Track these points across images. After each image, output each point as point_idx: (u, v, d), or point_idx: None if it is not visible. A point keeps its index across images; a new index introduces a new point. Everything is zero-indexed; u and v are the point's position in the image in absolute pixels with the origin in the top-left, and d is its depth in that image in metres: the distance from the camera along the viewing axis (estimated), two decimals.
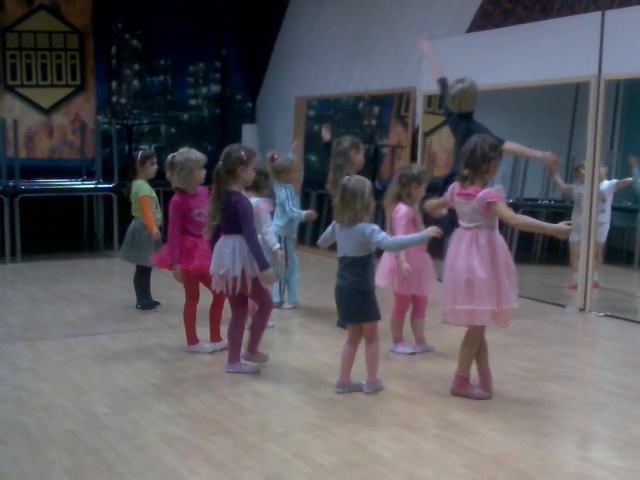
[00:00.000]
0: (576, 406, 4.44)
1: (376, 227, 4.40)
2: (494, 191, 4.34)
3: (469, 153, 4.37)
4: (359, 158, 6.09)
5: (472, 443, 3.83)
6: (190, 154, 5.37)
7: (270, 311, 5.09)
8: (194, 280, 5.40)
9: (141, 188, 6.69)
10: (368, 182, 4.49)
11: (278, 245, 5.96)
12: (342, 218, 4.44)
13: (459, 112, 6.19)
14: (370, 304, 4.49)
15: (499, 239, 4.40)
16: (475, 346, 4.51)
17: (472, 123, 6.19)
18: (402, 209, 5.28)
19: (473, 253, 4.34)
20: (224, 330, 5.42)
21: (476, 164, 4.35)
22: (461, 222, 4.47)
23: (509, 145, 6.11)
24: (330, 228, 4.60)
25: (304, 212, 6.64)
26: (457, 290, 4.38)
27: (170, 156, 5.39)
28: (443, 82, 6.53)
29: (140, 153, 6.81)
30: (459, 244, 4.43)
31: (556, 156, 6.33)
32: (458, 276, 4.37)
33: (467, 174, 4.37)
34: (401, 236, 4.67)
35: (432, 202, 4.82)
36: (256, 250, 4.73)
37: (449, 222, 4.92)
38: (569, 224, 4.25)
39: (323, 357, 5.36)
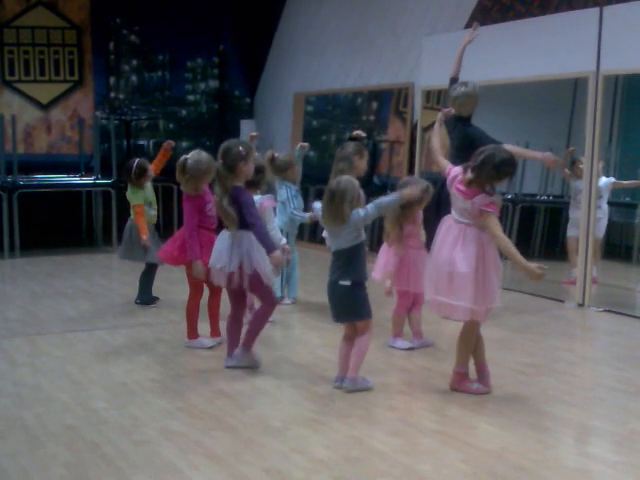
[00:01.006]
0: (575, 401, 4.44)
1: (356, 210, 4.36)
2: (491, 201, 4.29)
3: (479, 163, 4.28)
4: (362, 164, 6.02)
5: (471, 438, 3.83)
6: (200, 163, 5.24)
7: (273, 310, 5.06)
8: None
9: (134, 197, 6.67)
10: (357, 184, 4.45)
11: (285, 240, 5.97)
12: (330, 222, 4.42)
13: (458, 114, 6.17)
14: (361, 302, 4.47)
15: (488, 238, 4.38)
16: (471, 341, 4.51)
17: (469, 127, 6.17)
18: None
19: (458, 247, 4.34)
20: (222, 326, 5.44)
21: (480, 175, 4.28)
22: (453, 212, 4.46)
23: (507, 148, 6.09)
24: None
25: (307, 215, 6.61)
26: (439, 282, 4.39)
27: (183, 158, 5.28)
28: (454, 82, 6.45)
29: (135, 166, 6.61)
30: (447, 235, 4.42)
31: (555, 156, 6.32)
32: (440, 268, 4.38)
33: (470, 176, 4.32)
34: (380, 199, 4.53)
35: (442, 158, 4.76)
36: (262, 236, 4.75)
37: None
38: (543, 269, 4.17)
39: (322, 352, 5.37)
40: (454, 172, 4.46)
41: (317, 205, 5.73)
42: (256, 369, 4.95)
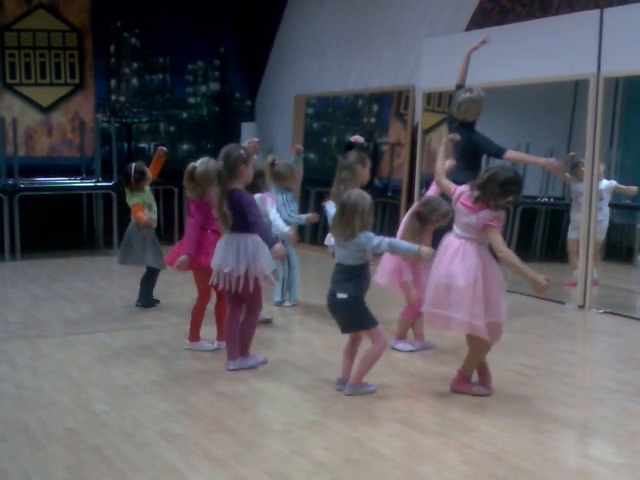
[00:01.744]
0: (576, 402, 4.44)
1: (370, 233, 4.37)
2: (496, 216, 4.32)
3: (484, 181, 4.32)
4: (364, 173, 6.02)
5: (472, 440, 3.83)
6: (209, 172, 5.22)
7: (259, 314, 5.18)
8: (209, 277, 5.42)
9: (132, 198, 6.69)
10: (368, 198, 4.42)
11: (287, 228, 6.02)
12: (340, 234, 4.41)
13: (462, 120, 6.17)
14: (362, 313, 4.46)
15: (488, 252, 4.39)
16: (483, 352, 4.50)
17: (473, 133, 6.18)
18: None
19: (457, 261, 4.35)
20: None
21: (485, 193, 4.32)
22: (455, 228, 4.48)
23: (510, 154, 6.11)
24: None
25: (304, 216, 6.63)
26: (436, 294, 4.40)
27: (191, 167, 5.32)
28: (459, 89, 6.44)
29: (133, 170, 6.62)
30: (446, 250, 4.44)
31: (559, 162, 6.31)
32: (438, 280, 4.40)
33: (477, 194, 4.35)
34: (399, 241, 4.60)
35: (444, 178, 4.78)
36: (264, 233, 4.81)
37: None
38: (549, 280, 4.23)
39: (323, 354, 5.37)
40: (460, 190, 4.50)
41: (330, 208, 5.79)
42: (264, 364, 5.05)
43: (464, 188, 4.47)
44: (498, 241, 4.31)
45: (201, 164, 5.32)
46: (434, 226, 5.25)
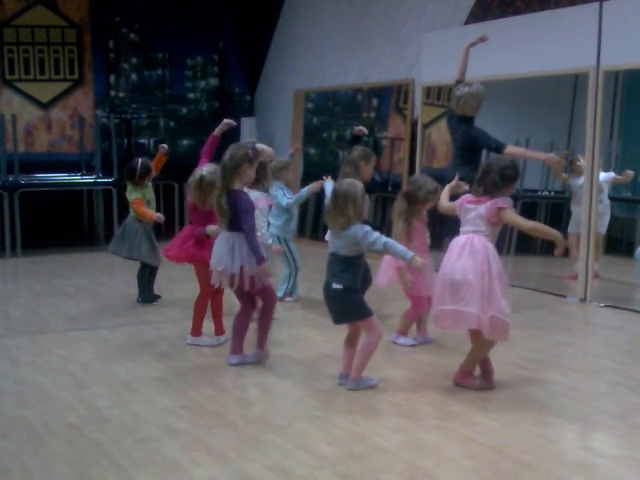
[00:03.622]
0: (577, 396, 4.45)
1: (368, 228, 4.37)
2: (505, 200, 4.37)
3: (482, 173, 4.42)
4: (368, 170, 5.98)
5: (473, 433, 3.83)
6: (214, 182, 5.13)
7: (274, 306, 5.16)
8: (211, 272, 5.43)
9: (133, 193, 6.70)
10: (360, 185, 4.45)
11: (270, 241, 5.99)
12: (335, 223, 4.41)
13: (462, 114, 6.16)
14: (357, 303, 4.46)
15: (494, 250, 4.39)
16: (487, 349, 4.51)
17: (472, 128, 6.18)
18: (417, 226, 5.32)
19: (465, 256, 4.34)
20: (225, 324, 5.47)
21: (486, 184, 4.39)
22: (461, 229, 4.49)
23: (510, 149, 6.11)
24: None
25: (304, 190, 6.65)
26: (443, 291, 4.40)
27: (199, 176, 5.29)
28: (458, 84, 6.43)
29: (139, 165, 6.63)
30: (452, 249, 4.46)
31: (559, 157, 6.30)
32: (445, 278, 4.39)
33: (479, 189, 4.43)
34: (395, 243, 4.49)
35: (445, 201, 4.82)
36: (254, 245, 4.74)
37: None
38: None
39: (325, 349, 5.37)
40: (462, 198, 4.55)
41: (328, 186, 5.82)
42: (265, 360, 5.02)
43: (465, 195, 4.55)
44: (517, 218, 4.41)
45: (209, 173, 5.28)
46: (424, 206, 5.24)
